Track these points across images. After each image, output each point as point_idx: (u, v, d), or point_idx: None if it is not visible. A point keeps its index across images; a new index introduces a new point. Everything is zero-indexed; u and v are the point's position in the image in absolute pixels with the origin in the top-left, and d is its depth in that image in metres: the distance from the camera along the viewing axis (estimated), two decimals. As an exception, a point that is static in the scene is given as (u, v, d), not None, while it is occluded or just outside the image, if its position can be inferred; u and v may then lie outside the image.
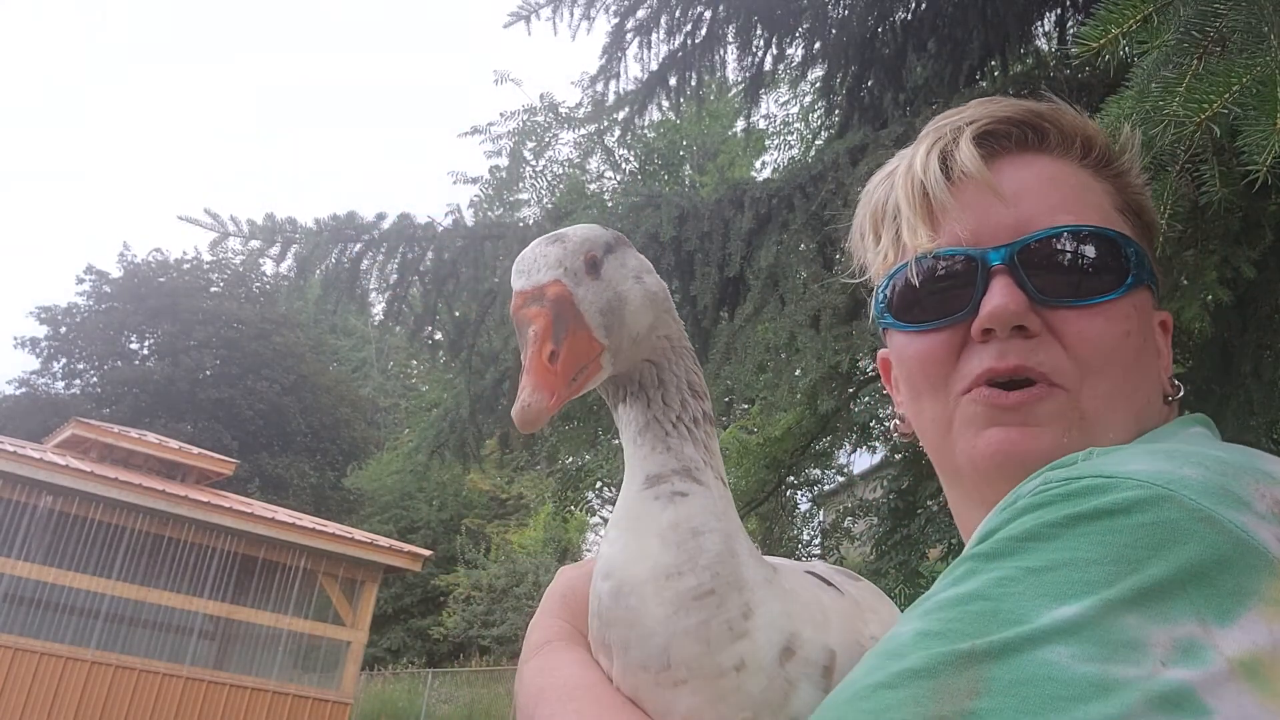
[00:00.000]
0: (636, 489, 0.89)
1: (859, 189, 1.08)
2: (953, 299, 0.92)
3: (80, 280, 33.60)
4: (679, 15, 4.89)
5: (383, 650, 25.51)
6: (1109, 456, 0.74)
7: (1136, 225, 0.97)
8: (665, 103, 5.13)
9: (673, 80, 4.99)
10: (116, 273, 33.32)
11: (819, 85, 6.21)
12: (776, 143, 18.74)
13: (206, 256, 33.22)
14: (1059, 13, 4.58)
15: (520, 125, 23.85)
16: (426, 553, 16.40)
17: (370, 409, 36.38)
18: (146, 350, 32.84)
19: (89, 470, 13.24)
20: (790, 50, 5.14)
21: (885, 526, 5.87)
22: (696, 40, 4.93)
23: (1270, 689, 0.59)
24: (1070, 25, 4.47)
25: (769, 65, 5.17)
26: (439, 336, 4.97)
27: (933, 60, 4.74)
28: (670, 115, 6.26)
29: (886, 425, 7.46)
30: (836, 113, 5.35)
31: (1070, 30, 4.44)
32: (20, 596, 12.98)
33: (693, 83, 5.01)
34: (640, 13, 4.88)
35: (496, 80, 22.98)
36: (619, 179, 25.57)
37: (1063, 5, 4.53)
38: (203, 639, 14.47)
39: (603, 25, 4.90)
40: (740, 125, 17.38)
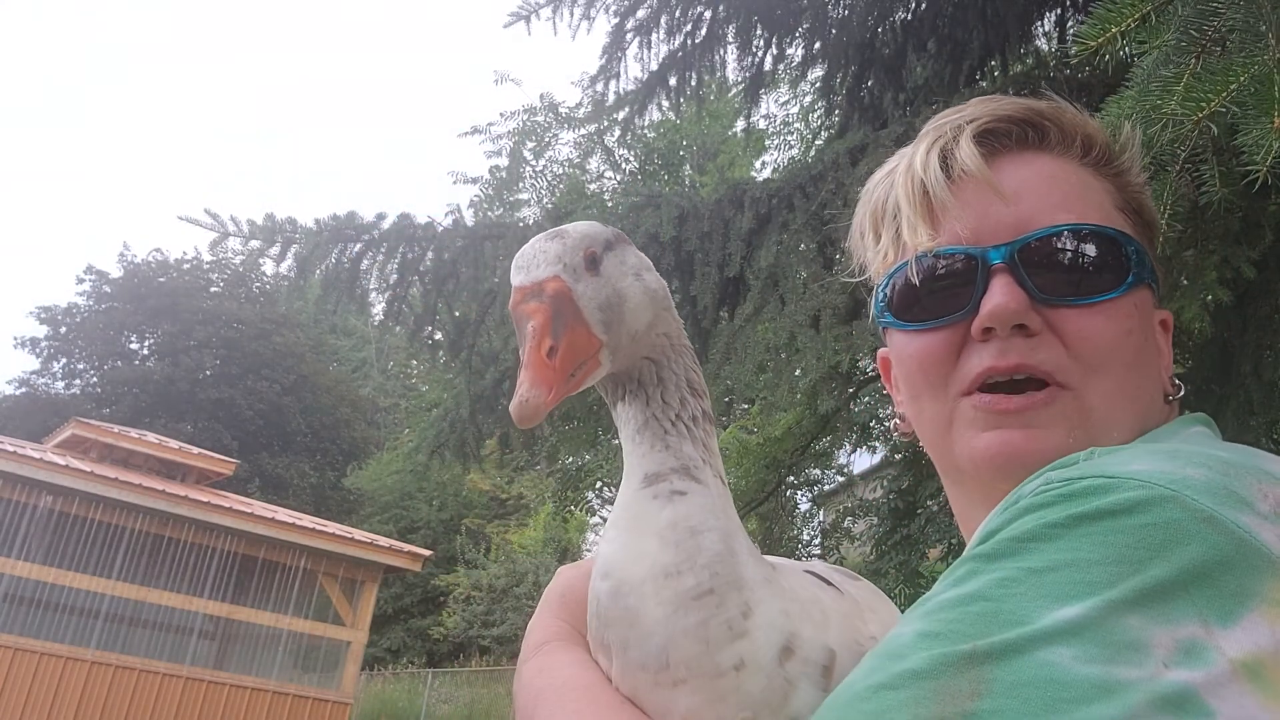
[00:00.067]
0: (635, 487, 0.89)
1: (859, 189, 1.08)
2: (953, 298, 0.91)
3: (80, 280, 33.73)
4: (679, 15, 4.89)
5: (383, 650, 25.50)
6: (1110, 456, 0.74)
7: (1137, 224, 0.96)
8: (665, 103, 5.13)
9: (673, 80, 4.99)
10: (116, 273, 33.36)
11: (819, 85, 6.20)
12: (776, 143, 18.78)
13: (206, 256, 33.33)
14: (1059, 13, 4.58)
15: (520, 125, 23.92)
16: (426, 553, 16.38)
17: (370, 409, 36.38)
18: (146, 350, 32.83)
19: (89, 470, 13.23)
20: (790, 50, 5.14)
21: (885, 526, 5.87)
22: (696, 40, 4.93)
23: (1272, 690, 0.59)
24: (1070, 25, 4.47)
25: (769, 65, 5.17)
26: (439, 336, 4.97)
27: (933, 60, 4.74)
28: (670, 115, 6.26)
29: (886, 425, 7.47)
30: (836, 113, 5.36)
31: (1070, 30, 4.44)
32: (20, 596, 12.97)
33: (693, 83, 5.01)
34: (640, 13, 4.88)
35: (496, 80, 23.10)
36: (619, 179, 25.61)
37: (1063, 5, 4.53)
38: (203, 639, 14.46)
39: (603, 25, 4.91)
40: (740, 125, 17.35)
